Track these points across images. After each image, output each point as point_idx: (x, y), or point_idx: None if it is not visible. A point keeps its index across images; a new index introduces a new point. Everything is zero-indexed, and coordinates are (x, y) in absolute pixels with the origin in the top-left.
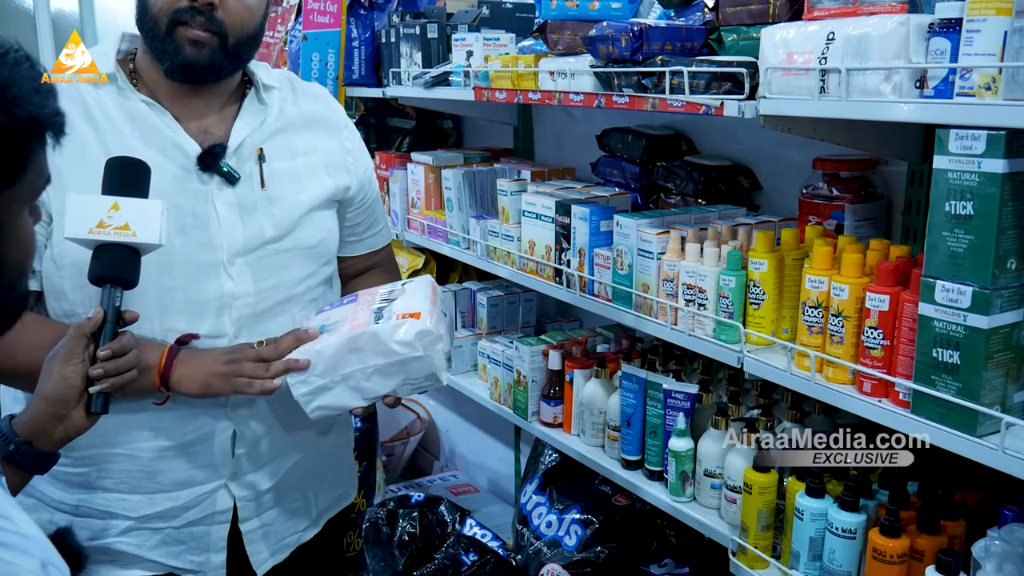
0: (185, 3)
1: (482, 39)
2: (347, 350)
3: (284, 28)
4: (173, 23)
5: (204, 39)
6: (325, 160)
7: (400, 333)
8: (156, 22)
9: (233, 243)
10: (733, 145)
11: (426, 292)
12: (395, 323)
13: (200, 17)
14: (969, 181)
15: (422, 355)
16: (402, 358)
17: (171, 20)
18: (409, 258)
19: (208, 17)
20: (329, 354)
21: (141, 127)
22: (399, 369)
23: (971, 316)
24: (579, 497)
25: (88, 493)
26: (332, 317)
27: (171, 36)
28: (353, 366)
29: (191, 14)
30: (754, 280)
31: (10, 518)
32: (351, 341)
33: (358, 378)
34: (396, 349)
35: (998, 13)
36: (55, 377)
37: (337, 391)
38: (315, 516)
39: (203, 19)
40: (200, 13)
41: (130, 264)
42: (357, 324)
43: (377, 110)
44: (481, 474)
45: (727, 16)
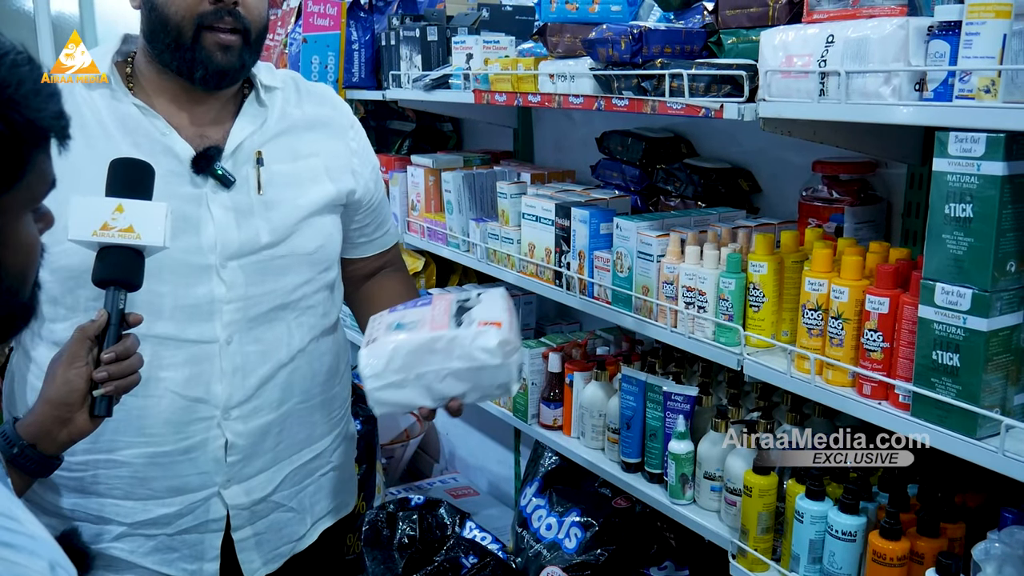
0: (208, 5)
1: (482, 42)
2: (427, 350)
3: (284, 31)
4: (199, 28)
5: (232, 42)
6: (327, 163)
7: (483, 340)
8: (180, 30)
9: (227, 247)
10: (733, 148)
11: (503, 303)
12: (478, 329)
13: (228, 17)
14: (969, 184)
15: (501, 363)
16: (481, 364)
17: (197, 25)
18: (409, 260)
19: (235, 15)
20: (408, 351)
21: (132, 131)
22: (475, 375)
23: (971, 318)
24: (579, 500)
25: (82, 498)
26: (408, 317)
27: (199, 43)
28: (430, 366)
29: (217, 16)
30: (754, 282)
31: (18, 519)
32: (432, 341)
33: (431, 379)
34: (477, 355)
35: (997, 16)
36: (59, 380)
37: (409, 389)
38: (311, 526)
39: (231, 18)
40: (227, 13)
41: (134, 266)
42: (438, 326)
43: (377, 113)
44: (481, 477)
45: (726, 19)
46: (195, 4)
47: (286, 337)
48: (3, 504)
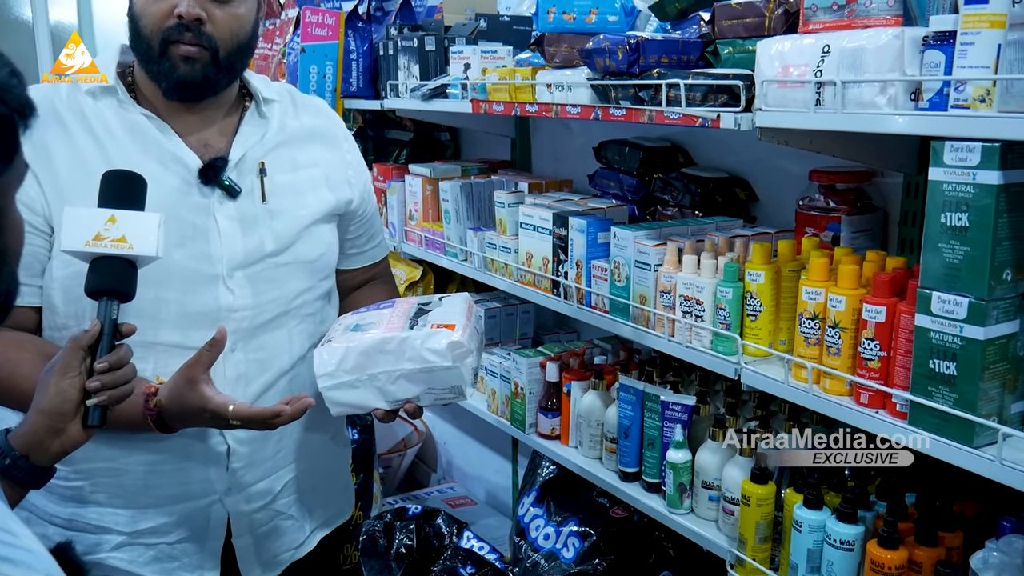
0: (173, 21)
1: (480, 52)
2: (378, 351)
3: (282, 40)
4: (165, 42)
5: (195, 54)
6: (326, 174)
7: (433, 342)
8: (149, 43)
9: (233, 256)
10: (729, 157)
11: (463, 308)
12: (429, 331)
13: (189, 33)
14: (964, 193)
15: (451, 366)
16: (431, 366)
17: (163, 39)
18: (407, 270)
19: (197, 32)
20: (359, 352)
21: (142, 139)
22: (426, 377)
23: (967, 327)
24: (577, 509)
25: (81, 507)
26: (367, 319)
27: (165, 55)
28: (381, 367)
29: (180, 31)
30: (751, 291)
31: (14, 533)
32: (383, 343)
33: (384, 380)
34: (427, 356)
35: (991, 26)
36: (52, 390)
37: (362, 390)
38: (309, 533)
39: (191, 35)
40: (188, 29)
41: (127, 276)
42: (392, 328)
43: (375, 122)
44: (479, 486)
45: (723, 29)
46: (162, 19)
47: (287, 344)
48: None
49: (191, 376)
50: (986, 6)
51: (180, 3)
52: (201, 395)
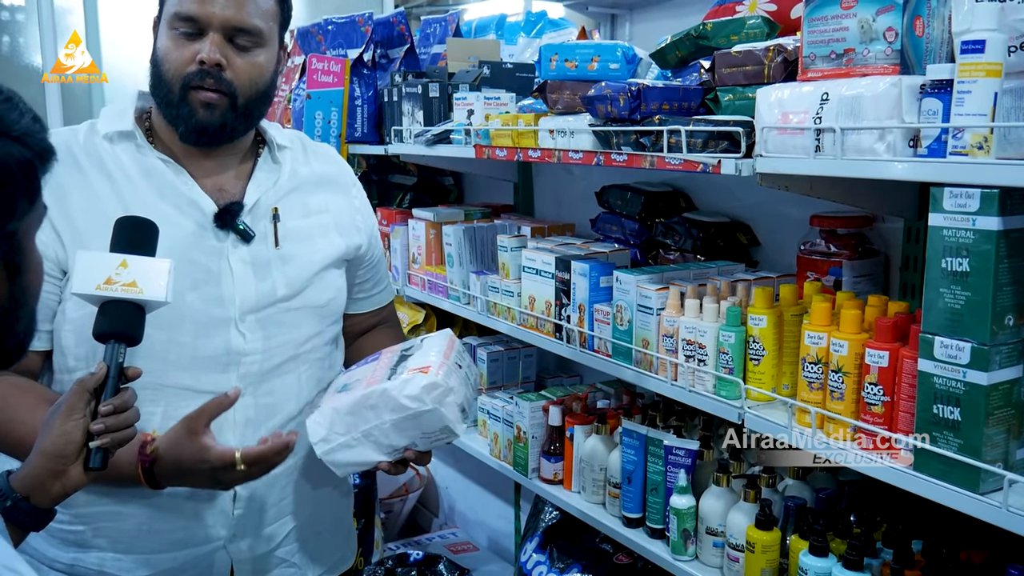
0: (195, 67)
1: (483, 98)
2: (363, 407)
3: (288, 87)
4: (186, 87)
5: (214, 100)
6: (337, 220)
7: (409, 388)
8: (170, 88)
9: (245, 300)
10: (731, 202)
11: (441, 346)
12: (405, 378)
13: (210, 79)
14: (964, 238)
15: (431, 408)
16: (413, 412)
17: (184, 84)
18: (410, 313)
19: (217, 78)
20: (346, 412)
21: (158, 183)
22: (413, 423)
23: (970, 372)
24: (580, 555)
25: (83, 552)
26: (355, 376)
27: (185, 100)
28: (371, 422)
29: (201, 76)
30: (753, 336)
31: (21, 573)
32: (365, 399)
33: (377, 435)
34: (406, 404)
35: (988, 75)
36: (56, 432)
37: (360, 448)
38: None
39: (212, 80)
40: (210, 75)
41: (135, 321)
42: (373, 381)
43: (379, 167)
44: (481, 531)
45: (723, 77)
46: (184, 64)
47: (296, 389)
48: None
49: (193, 427)
50: (982, 55)
51: (202, 49)
52: (201, 446)
